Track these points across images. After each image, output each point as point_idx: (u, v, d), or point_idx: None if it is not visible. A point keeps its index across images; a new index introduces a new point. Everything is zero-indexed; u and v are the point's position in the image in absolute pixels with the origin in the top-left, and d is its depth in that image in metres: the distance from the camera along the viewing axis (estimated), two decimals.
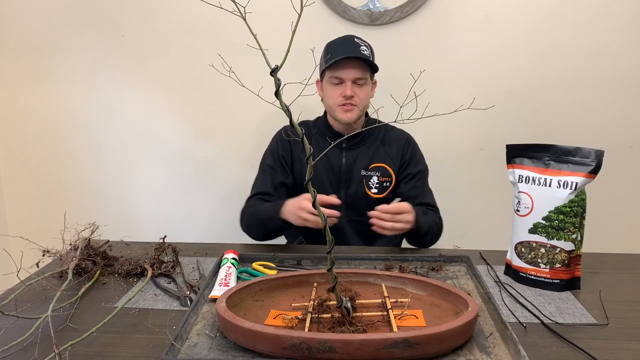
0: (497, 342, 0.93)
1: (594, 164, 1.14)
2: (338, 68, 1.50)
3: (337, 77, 1.52)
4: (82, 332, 0.93)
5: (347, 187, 1.62)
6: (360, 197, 1.61)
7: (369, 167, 1.62)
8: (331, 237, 0.91)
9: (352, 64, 1.50)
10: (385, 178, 1.62)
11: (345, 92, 1.50)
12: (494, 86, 2.02)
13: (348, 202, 1.61)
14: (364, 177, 1.61)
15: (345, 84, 1.51)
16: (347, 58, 1.48)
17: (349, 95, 1.50)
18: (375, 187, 1.61)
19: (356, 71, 1.50)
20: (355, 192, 1.61)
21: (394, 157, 1.64)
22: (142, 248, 1.43)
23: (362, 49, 1.51)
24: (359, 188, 1.61)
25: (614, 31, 1.94)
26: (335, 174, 1.62)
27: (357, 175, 1.61)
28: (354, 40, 1.54)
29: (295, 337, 0.85)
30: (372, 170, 1.61)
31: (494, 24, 1.97)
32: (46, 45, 2.09)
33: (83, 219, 1.33)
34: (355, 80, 1.51)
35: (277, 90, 0.80)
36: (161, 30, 2.05)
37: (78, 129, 2.18)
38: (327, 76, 1.54)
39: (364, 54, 1.50)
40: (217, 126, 2.15)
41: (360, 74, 1.51)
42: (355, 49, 1.50)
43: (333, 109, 1.56)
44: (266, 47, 0.81)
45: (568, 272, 1.18)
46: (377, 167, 1.62)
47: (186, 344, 0.93)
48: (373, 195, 1.61)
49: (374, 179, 1.61)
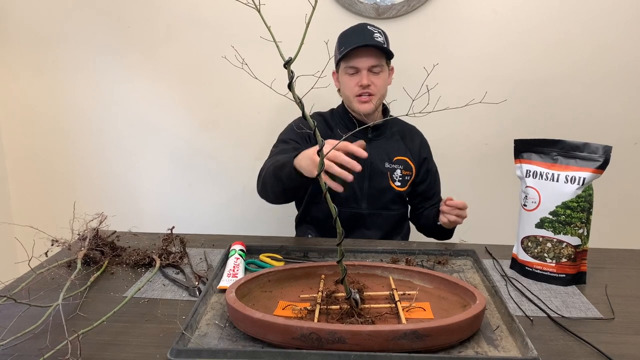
0: (504, 335, 0.94)
1: (601, 159, 1.14)
2: (352, 57, 1.49)
3: (352, 67, 1.50)
4: (92, 321, 0.94)
5: (370, 180, 1.59)
6: (384, 190, 1.60)
7: (393, 159, 1.60)
8: (341, 229, 0.91)
9: (366, 52, 1.48)
10: (407, 172, 1.61)
11: (361, 82, 1.48)
12: (501, 81, 2.02)
13: (371, 193, 1.59)
14: (389, 170, 1.59)
15: (361, 73, 1.49)
16: (361, 46, 1.46)
17: (366, 84, 1.48)
18: (399, 180, 1.60)
19: (371, 59, 1.48)
20: (379, 185, 1.59)
21: (414, 152, 1.64)
22: (149, 239, 1.44)
23: (375, 35, 1.49)
24: (383, 180, 1.59)
25: (620, 27, 1.94)
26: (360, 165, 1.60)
27: (382, 168, 1.59)
28: (367, 28, 1.52)
29: (305, 328, 0.86)
30: (396, 163, 1.60)
31: (500, 19, 1.97)
32: (51, 37, 2.09)
33: (90, 209, 1.34)
34: (371, 68, 1.49)
35: (290, 83, 0.81)
36: (167, 22, 2.05)
37: (84, 121, 2.18)
38: (342, 67, 1.53)
39: (378, 40, 1.48)
40: (223, 118, 2.15)
41: (376, 61, 1.49)
42: (369, 36, 1.48)
43: (350, 99, 1.54)
44: (279, 40, 0.81)
45: (574, 267, 1.19)
46: (400, 160, 1.61)
47: (196, 333, 0.94)
48: (397, 188, 1.60)
49: (398, 172, 1.60)
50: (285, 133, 1.60)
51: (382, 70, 1.52)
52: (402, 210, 1.67)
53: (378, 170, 1.59)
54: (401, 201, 1.65)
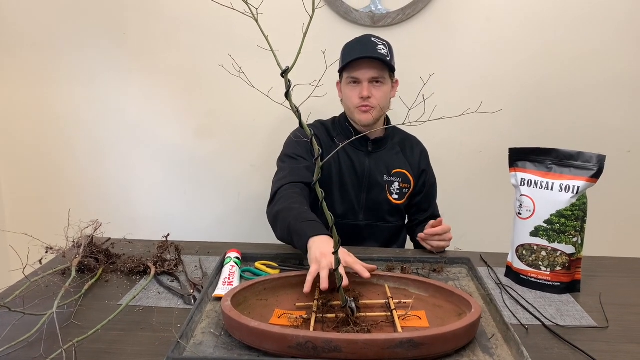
0: (500, 344, 0.95)
1: (595, 168, 1.15)
2: (354, 68, 1.48)
3: (353, 77, 1.50)
4: (86, 329, 0.93)
5: (368, 192, 1.59)
6: (381, 202, 1.60)
7: (391, 172, 1.60)
8: (337, 237, 0.91)
9: (367, 64, 1.47)
10: (405, 185, 1.61)
11: (362, 93, 1.48)
12: (495, 88, 2.03)
13: (369, 206, 1.60)
14: (387, 183, 1.59)
15: (362, 85, 1.49)
16: (362, 58, 1.46)
17: (366, 96, 1.48)
18: (396, 192, 1.60)
19: (372, 71, 1.48)
20: (377, 197, 1.59)
21: (413, 164, 1.63)
22: (144, 246, 1.44)
23: (379, 47, 1.48)
24: (381, 193, 1.59)
25: (614, 34, 1.96)
26: (359, 178, 1.59)
27: (380, 180, 1.59)
28: (371, 40, 1.51)
29: (301, 337, 0.86)
30: (394, 176, 1.60)
31: (494, 28, 1.99)
32: (47, 42, 2.08)
33: (84, 216, 1.34)
34: (372, 80, 1.49)
35: (287, 92, 0.81)
36: (164, 29, 2.05)
37: (79, 127, 2.17)
38: (344, 77, 1.53)
39: (381, 53, 1.47)
40: (218, 125, 2.15)
41: (377, 74, 1.48)
42: (371, 48, 1.47)
43: (352, 110, 1.54)
44: (275, 49, 0.82)
45: (568, 275, 1.19)
46: (398, 173, 1.60)
47: (192, 342, 0.94)
48: (394, 201, 1.60)
49: (396, 185, 1.60)
50: (291, 147, 1.56)
51: (384, 83, 1.51)
52: (399, 222, 1.67)
53: (376, 182, 1.59)
54: (399, 213, 1.65)
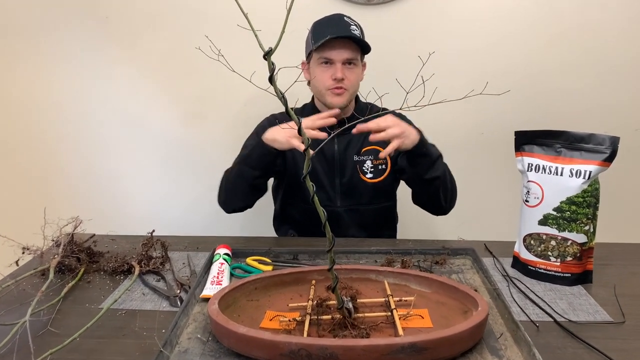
0: (509, 344, 0.88)
1: (608, 151, 1.07)
2: (327, 49, 1.41)
3: (327, 58, 1.42)
4: (64, 337, 0.86)
5: (341, 175, 1.54)
6: (356, 184, 1.53)
7: (361, 151, 1.53)
8: (332, 235, 0.83)
9: (342, 44, 1.40)
10: (379, 160, 1.54)
11: (336, 75, 1.41)
12: (498, 69, 1.94)
13: (344, 190, 1.54)
14: (357, 162, 1.53)
15: (335, 66, 1.41)
16: (337, 38, 1.39)
17: (340, 78, 1.41)
18: (370, 171, 1.53)
19: (347, 52, 1.41)
20: (350, 179, 1.53)
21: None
22: (129, 242, 1.36)
23: (352, 28, 1.41)
24: (354, 174, 1.53)
25: (621, 15, 1.87)
26: (329, 163, 1.53)
27: (350, 162, 1.53)
28: (344, 19, 1.44)
29: (293, 344, 0.79)
30: (364, 155, 1.53)
31: (499, 7, 1.89)
32: (26, 27, 1.98)
33: (66, 212, 1.25)
34: (346, 62, 1.42)
35: (271, 76, 0.72)
36: (146, 11, 1.95)
37: (59, 117, 2.07)
38: (315, 57, 1.44)
39: (355, 34, 1.40)
40: (205, 112, 2.06)
41: (351, 55, 1.42)
42: (346, 28, 1.40)
43: (322, 93, 1.46)
44: (258, 28, 0.73)
45: (580, 266, 1.12)
46: (369, 151, 1.53)
47: (176, 349, 0.87)
48: (368, 180, 1.53)
49: (368, 163, 1.53)
50: (252, 135, 1.60)
51: (357, 65, 1.45)
52: (384, 203, 1.60)
53: (347, 164, 1.53)
54: (380, 193, 1.57)
